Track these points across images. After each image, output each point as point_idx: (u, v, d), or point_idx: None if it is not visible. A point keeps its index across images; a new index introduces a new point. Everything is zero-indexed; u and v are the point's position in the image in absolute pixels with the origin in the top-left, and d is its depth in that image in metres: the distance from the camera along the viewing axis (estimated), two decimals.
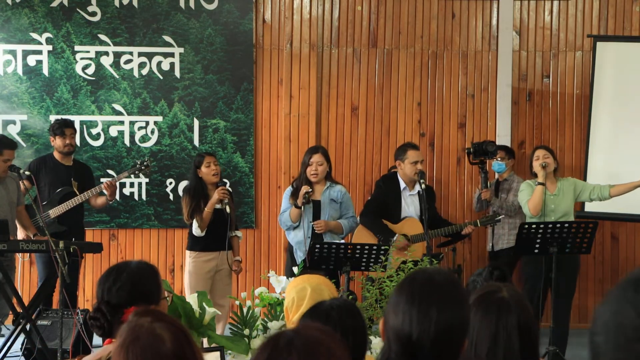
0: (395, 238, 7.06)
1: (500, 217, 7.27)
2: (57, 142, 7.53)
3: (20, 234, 7.19)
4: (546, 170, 7.13)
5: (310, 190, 7.09)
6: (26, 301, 6.94)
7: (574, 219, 7.20)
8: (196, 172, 7.19)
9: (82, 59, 8.80)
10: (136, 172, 7.72)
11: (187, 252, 7.20)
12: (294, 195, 7.19)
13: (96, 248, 7.03)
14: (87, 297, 8.60)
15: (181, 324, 2.20)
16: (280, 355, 1.76)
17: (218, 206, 7.08)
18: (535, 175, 7.26)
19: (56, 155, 7.59)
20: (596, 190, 7.27)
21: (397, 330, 2.17)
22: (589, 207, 8.01)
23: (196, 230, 7.02)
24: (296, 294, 3.25)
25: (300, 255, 7.13)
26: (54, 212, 7.29)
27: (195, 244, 7.12)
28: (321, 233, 7.13)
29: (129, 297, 2.98)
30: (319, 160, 7.16)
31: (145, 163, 7.63)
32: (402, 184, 7.28)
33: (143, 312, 2.17)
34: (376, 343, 4.79)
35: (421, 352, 2.15)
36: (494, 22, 9.07)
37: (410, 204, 7.25)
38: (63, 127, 7.51)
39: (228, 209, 7.08)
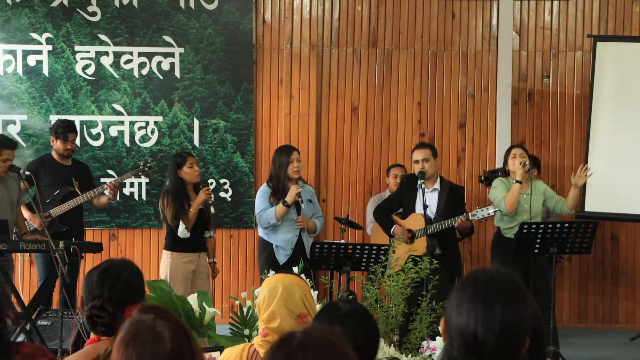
0: (393, 228, 7.17)
1: (494, 210, 7.25)
2: (58, 144, 7.49)
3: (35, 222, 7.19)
4: (525, 169, 7.17)
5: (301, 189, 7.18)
6: (26, 301, 6.94)
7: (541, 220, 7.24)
8: (177, 172, 7.11)
9: (82, 59, 8.80)
10: (139, 173, 7.71)
11: (167, 253, 7.07)
12: (275, 195, 7.21)
13: (96, 248, 7.03)
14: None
15: (183, 322, 2.20)
16: (295, 357, 1.77)
17: (200, 207, 7.06)
18: (507, 173, 7.33)
19: (54, 155, 7.57)
20: (560, 203, 7.36)
21: (461, 329, 2.17)
22: (589, 207, 8.02)
23: (183, 232, 6.94)
24: (268, 292, 3.28)
25: (286, 254, 7.14)
26: (55, 212, 7.28)
27: (176, 245, 7.02)
28: (301, 232, 7.24)
29: (131, 294, 3.02)
30: (298, 157, 7.30)
31: (148, 164, 7.61)
32: (419, 181, 7.37)
33: (147, 308, 2.18)
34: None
35: (486, 350, 2.15)
36: (494, 22, 9.07)
37: (422, 200, 7.28)
38: (67, 132, 7.43)
39: (213, 210, 7.09)
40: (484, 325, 2.15)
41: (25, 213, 7.28)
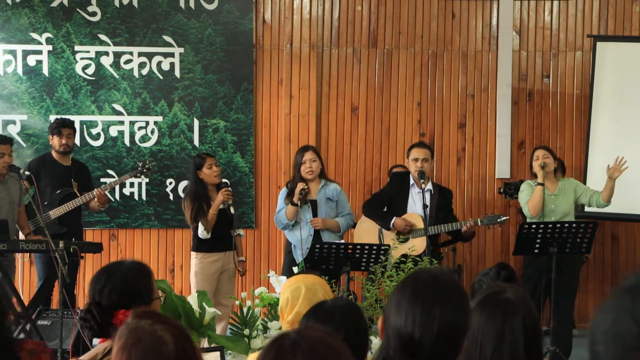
0: (393, 221, 7.13)
1: (504, 218, 7.24)
2: (54, 141, 7.53)
3: (21, 236, 7.17)
4: (545, 171, 7.12)
5: (306, 187, 7.14)
6: (26, 301, 6.93)
7: (573, 220, 7.20)
8: (196, 174, 7.15)
9: (82, 59, 8.80)
10: (138, 174, 7.71)
11: (193, 254, 7.17)
12: (290, 195, 7.22)
13: (96, 248, 7.03)
14: (86, 297, 8.59)
15: (181, 325, 2.19)
16: (285, 357, 1.77)
17: (221, 207, 7.08)
18: (535, 176, 7.27)
19: (54, 154, 7.57)
20: (595, 196, 7.27)
21: (398, 329, 2.17)
22: (589, 207, 8.02)
23: (202, 233, 7.01)
24: (290, 293, 3.27)
25: (300, 254, 7.15)
26: (54, 213, 7.28)
27: (201, 245, 7.10)
28: (319, 231, 7.17)
29: (119, 300, 2.99)
30: (311, 157, 7.23)
31: (147, 166, 7.61)
32: (412, 181, 7.35)
33: (142, 314, 2.16)
34: (376, 343, 4.79)
35: (422, 351, 2.15)
36: (494, 22, 9.07)
37: (417, 201, 7.28)
38: (60, 127, 7.49)
39: (232, 210, 7.10)
40: (422, 327, 2.14)
41: None
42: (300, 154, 7.31)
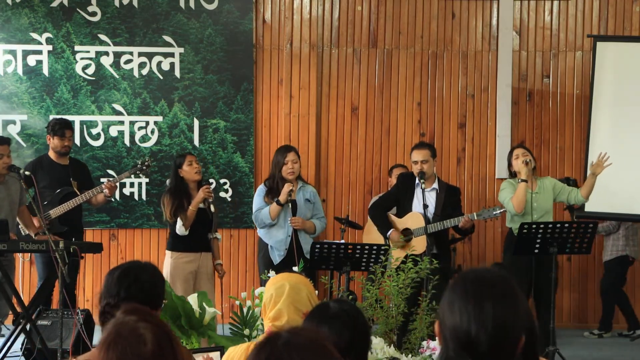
0: (389, 233, 7.14)
1: (500, 210, 7.23)
2: (55, 142, 7.47)
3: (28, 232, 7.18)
4: (529, 168, 7.15)
5: (293, 187, 7.10)
6: (26, 301, 6.93)
7: (552, 219, 7.22)
8: (177, 172, 7.11)
9: (82, 59, 8.80)
10: (137, 172, 7.70)
11: (168, 253, 7.07)
12: (270, 194, 7.17)
13: (96, 248, 7.02)
14: (87, 297, 8.60)
15: (168, 326, 2.18)
16: (280, 356, 1.77)
17: (201, 206, 7.04)
18: (514, 175, 7.30)
19: (52, 154, 7.54)
20: (573, 193, 7.31)
21: (454, 328, 2.18)
22: (589, 207, 8.01)
23: (180, 229, 6.95)
24: (275, 290, 3.30)
25: (280, 254, 7.11)
26: (54, 213, 7.28)
27: (176, 245, 7.02)
28: (297, 232, 7.12)
29: (146, 297, 3.01)
30: (293, 158, 7.18)
31: (146, 163, 7.61)
32: (417, 181, 7.36)
33: (131, 310, 2.17)
34: (376, 343, 4.79)
35: (479, 349, 2.16)
36: (494, 22, 9.08)
37: (422, 200, 7.27)
38: (64, 129, 7.43)
39: (213, 209, 7.06)
40: (477, 323, 2.16)
41: None
42: (282, 154, 7.23)
